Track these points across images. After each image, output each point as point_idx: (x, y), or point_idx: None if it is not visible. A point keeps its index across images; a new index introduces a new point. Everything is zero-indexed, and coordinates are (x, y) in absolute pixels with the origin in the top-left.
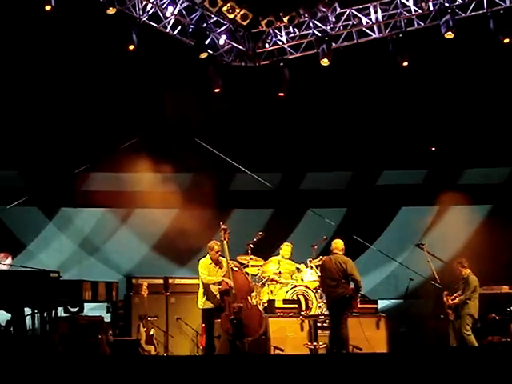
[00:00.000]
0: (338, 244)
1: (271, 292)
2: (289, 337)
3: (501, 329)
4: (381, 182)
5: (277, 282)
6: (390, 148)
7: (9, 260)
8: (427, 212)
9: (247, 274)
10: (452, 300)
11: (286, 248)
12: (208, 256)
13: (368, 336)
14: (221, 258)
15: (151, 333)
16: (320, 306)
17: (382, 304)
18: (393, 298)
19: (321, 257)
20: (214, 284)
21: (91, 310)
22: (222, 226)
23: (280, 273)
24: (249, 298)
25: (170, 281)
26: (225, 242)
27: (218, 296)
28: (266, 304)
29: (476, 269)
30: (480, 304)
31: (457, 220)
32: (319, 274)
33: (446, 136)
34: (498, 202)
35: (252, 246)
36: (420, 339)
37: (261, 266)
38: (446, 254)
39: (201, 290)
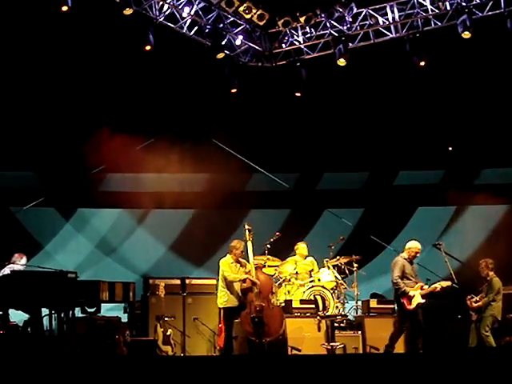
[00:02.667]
0: None
1: (288, 292)
2: (306, 337)
3: None
4: (398, 182)
5: (294, 283)
6: (406, 148)
7: (23, 260)
8: (444, 212)
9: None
10: (475, 303)
11: (302, 247)
12: (229, 256)
13: (385, 336)
14: (241, 259)
15: (168, 333)
16: (337, 307)
17: None
18: None
19: (338, 257)
20: (238, 281)
21: (108, 310)
22: (247, 226)
23: (297, 273)
24: (271, 298)
25: (187, 281)
26: (249, 241)
27: (240, 294)
28: (283, 304)
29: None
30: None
31: (474, 220)
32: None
33: (464, 136)
34: None
35: (269, 246)
36: (438, 340)
37: (278, 266)
38: (463, 255)
39: (221, 289)
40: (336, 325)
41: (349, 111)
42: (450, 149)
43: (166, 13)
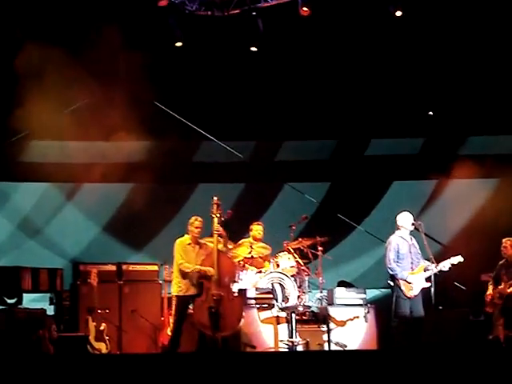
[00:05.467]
0: None
1: (241, 280)
2: (262, 332)
3: None
4: (370, 152)
5: (248, 269)
6: (380, 112)
7: None
8: (424, 187)
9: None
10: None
11: (256, 228)
12: (186, 236)
13: (354, 331)
14: (202, 239)
15: (102, 328)
16: (299, 297)
17: (370, 294)
18: (384, 287)
19: (300, 239)
20: (189, 272)
21: (31, 301)
22: (215, 200)
23: (252, 257)
24: (231, 287)
25: (124, 267)
26: (216, 218)
27: (195, 281)
28: (235, 294)
29: (480, 252)
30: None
31: (459, 196)
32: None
33: (447, 98)
34: (506, 174)
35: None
36: (417, 334)
37: (230, 249)
38: (445, 236)
39: (176, 274)
40: (297, 318)
41: (313, 69)
42: (431, 113)
43: None
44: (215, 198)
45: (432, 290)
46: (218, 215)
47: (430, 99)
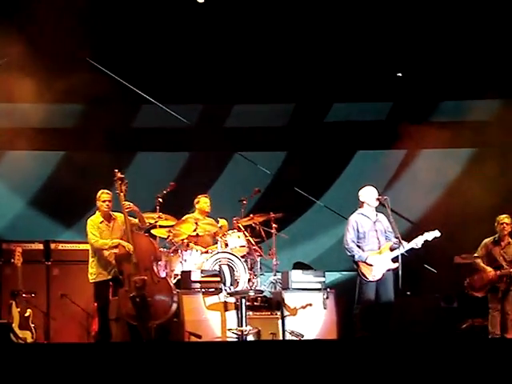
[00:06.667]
0: None
1: (185, 261)
2: (208, 320)
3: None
4: (331, 118)
5: (193, 248)
6: (343, 73)
7: None
8: (391, 157)
9: (154, 237)
10: None
11: (203, 201)
12: (98, 213)
13: (312, 319)
14: (115, 213)
15: (27, 314)
16: (250, 280)
17: (330, 277)
18: (345, 269)
19: (251, 215)
20: (107, 249)
21: None
22: (118, 175)
23: (198, 235)
24: (155, 268)
25: (53, 246)
26: (122, 195)
27: (113, 264)
28: (178, 276)
29: (454, 231)
30: (462, 274)
31: (430, 168)
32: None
33: (417, 58)
34: (483, 144)
35: (161, 200)
36: (384, 322)
37: (172, 226)
38: (415, 213)
39: (90, 258)
40: (248, 303)
41: (268, 22)
42: (400, 75)
43: None
44: (118, 173)
45: (399, 273)
46: (124, 191)
47: (399, 58)
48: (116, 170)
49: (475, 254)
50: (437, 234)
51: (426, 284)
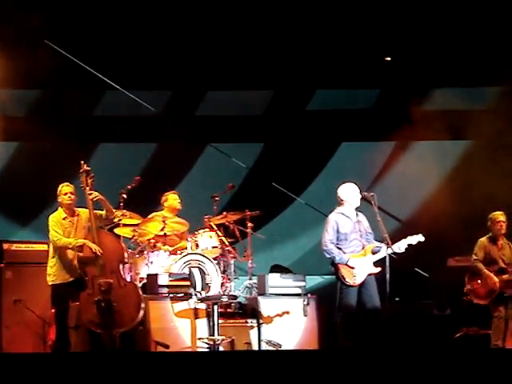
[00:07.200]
0: None
1: (151, 263)
2: (177, 328)
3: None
4: (313, 106)
5: (160, 249)
6: (326, 58)
7: None
8: (379, 150)
9: (117, 236)
10: None
11: (172, 198)
12: (60, 209)
13: (290, 327)
14: (79, 209)
15: None
16: (223, 284)
17: (311, 281)
18: (327, 273)
19: (225, 213)
20: (71, 248)
21: None
22: (84, 167)
23: (165, 235)
24: (121, 270)
25: (6, 246)
26: (87, 189)
27: (76, 265)
28: (144, 280)
29: (447, 231)
30: (456, 278)
31: (421, 162)
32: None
33: (407, 41)
34: (478, 135)
35: (125, 196)
36: (370, 331)
37: (138, 225)
38: (404, 211)
39: (50, 258)
40: (221, 310)
41: (244, 2)
42: (388, 59)
43: None
44: (84, 165)
45: (387, 277)
46: (90, 185)
47: (387, 42)
48: (82, 162)
49: (474, 257)
50: (421, 238)
51: (417, 289)
